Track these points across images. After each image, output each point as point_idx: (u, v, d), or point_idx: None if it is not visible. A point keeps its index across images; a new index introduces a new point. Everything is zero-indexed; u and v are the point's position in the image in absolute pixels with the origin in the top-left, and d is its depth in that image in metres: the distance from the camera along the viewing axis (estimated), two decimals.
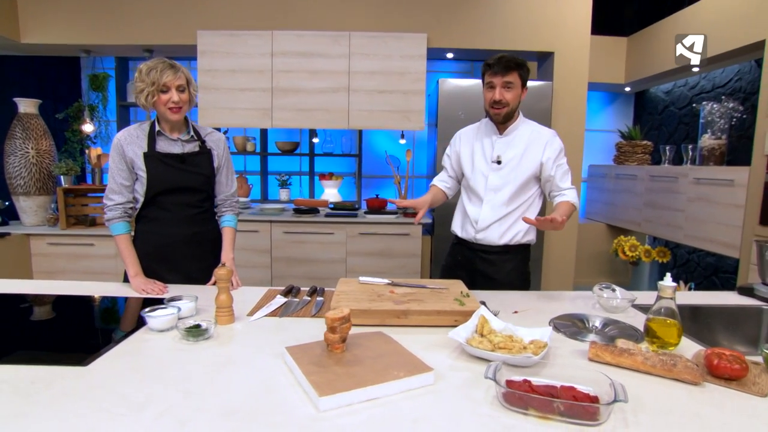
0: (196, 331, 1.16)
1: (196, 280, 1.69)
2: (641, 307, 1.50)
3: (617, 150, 4.37)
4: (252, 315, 1.37)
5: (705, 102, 3.41)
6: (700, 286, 3.78)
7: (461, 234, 1.94)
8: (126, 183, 1.64)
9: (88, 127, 3.71)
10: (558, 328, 1.32)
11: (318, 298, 1.52)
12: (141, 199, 1.66)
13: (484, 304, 1.37)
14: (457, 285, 1.55)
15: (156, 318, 1.21)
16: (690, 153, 3.54)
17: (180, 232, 1.68)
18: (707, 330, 1.56)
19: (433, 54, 3.72)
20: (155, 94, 1.55)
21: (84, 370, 1.00)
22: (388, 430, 0.81)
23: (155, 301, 1.38)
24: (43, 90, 3.97)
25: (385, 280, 1.55)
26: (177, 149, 1.68)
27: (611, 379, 0.90)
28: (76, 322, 1.43)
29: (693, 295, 1.84)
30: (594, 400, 0.89)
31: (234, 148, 3.93)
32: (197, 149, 1.72)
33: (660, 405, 0.91)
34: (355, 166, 4.29)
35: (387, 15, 3.56)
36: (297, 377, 0.96)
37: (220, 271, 1.29)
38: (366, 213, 3.61)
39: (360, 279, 1.55)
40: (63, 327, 1.37)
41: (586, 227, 4.52)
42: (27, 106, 3.29)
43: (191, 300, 1.34)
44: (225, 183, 1.80)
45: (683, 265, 4.15)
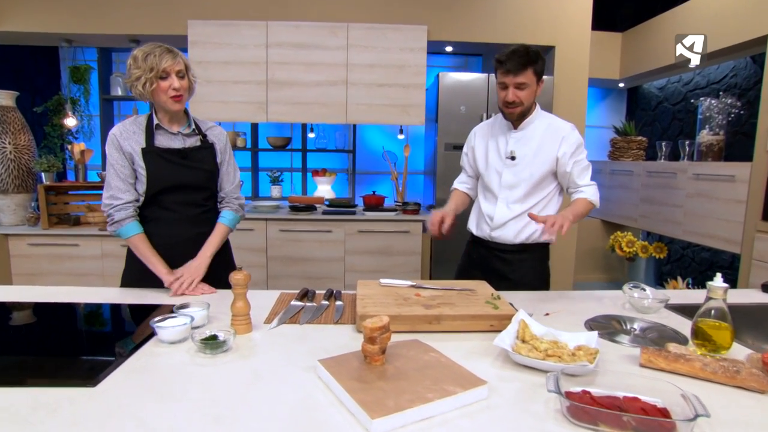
0: (213, 343, 1.06)
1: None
2: (674, 307, 1.45)
3: (612, 146, 4.37)
4: (270, 322, 1.27)
5: (703, 98, 3.41)
6: (695, 281, 3.80)
7: (476, 232, 1.87)
8: (131, 180, 1.50)
9: (70, 121, 3.51)
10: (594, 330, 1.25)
11: (337, 302, 1.42)
12: (141, 199, 1.52)
13: (511, 305, 1.30)
14: (483, 286, 1.48)
15: (168, 329, 1.10)
16: (687, 149, 3.55)
17: (183, 232, 1.56)
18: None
19: (432, 47, 3.63)
20: (154, 81, 1.42)
21: (93, 391, 0.89)
22: None
23: (162, 309, 1.27)
24: (19, 82, 3.74)
25: (408, 282, 1.46)
26: (177, 144, 1.56)
27: (682, 390, 0.84)
28: (76, 333, 1.30)
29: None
30: (664, 412, 0.82)
31: None
32: (199, 143, 1.60)
33: (733, 416, 0.84)
34: (348, 162, 4.18)
35: (386, 6, 3.45)
36: (338, 395, 0.87)
37: (236, 276, 1.18)
38: (364, 210, 3.51)
39: (381, 281, 1.46)
40: (60, 339, 1.23)
41: (581, 223, 4.50)
42: (4, 98, 3.08)
43: (203, 308, 1.23)
44: (227, 179, 1.67)
45: (677, 261, 4.18)
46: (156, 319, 1.12)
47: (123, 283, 1.61)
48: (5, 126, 3.05)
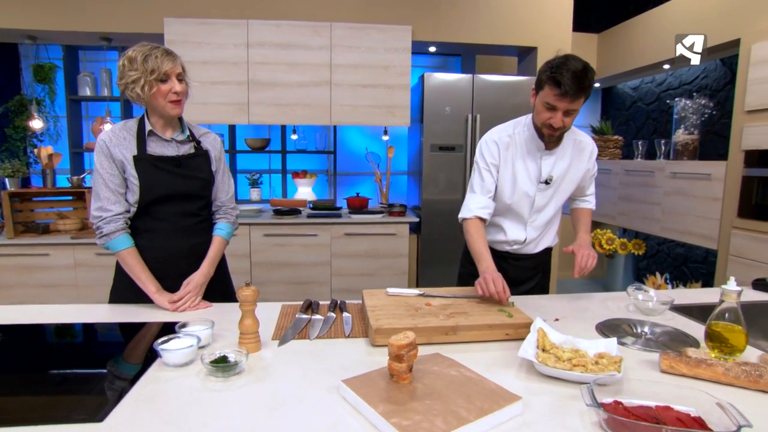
0: (225, 366, 0.99)
1: None
2: (675, 308, 1.48)
3: None
4: (277, 338, 1.21)
5: (678, 98, 3.52)
6: (673, 276, 3.93)
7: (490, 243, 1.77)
8: (121, 190, 1.40)
9: (36, 123, 3.30)
10: (607, 335, 1.26)
11: (344, 314, 1.37)
12: (132, 209, 1.43)
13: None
14: None
15: (174, 352, 1.02)
16: (663, 147, 3.66)
17: (177, 244, 1.47)
18: None
19: (415, 48, 3.61)
20: (154, 84, 1.34)
21: (101, 427, 0.81)
22: None
23: (151, 326, 1.19)
24: None
25: (416, 290, 1.43)
26: (171, 151, 1.47)
27: (716, 398, 0.83)
28: (67, 357, 1.21)
29: (703, 293, 1.84)
30: (699, 421, 0.82)
31: None
32: (193, 151, 1.51)
33: (766, 422, 0.85)
34: (327, 163, 4.12)
35: (369, 6, 3.40)
36: (370, 419, 0.83)
37: (244, 292, 1.12)
38: (349, 213, 3.46)
39: (388, 291, 1.43)
40: (49, 365, 1.14)
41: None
42: None
43: (207, 326, 1.16)
44: (222, 189, 1.59)
45: (653, 256, 4.31)
46: (159, 341, 1.05)
47: (112, 299, 1.51)
48: None
